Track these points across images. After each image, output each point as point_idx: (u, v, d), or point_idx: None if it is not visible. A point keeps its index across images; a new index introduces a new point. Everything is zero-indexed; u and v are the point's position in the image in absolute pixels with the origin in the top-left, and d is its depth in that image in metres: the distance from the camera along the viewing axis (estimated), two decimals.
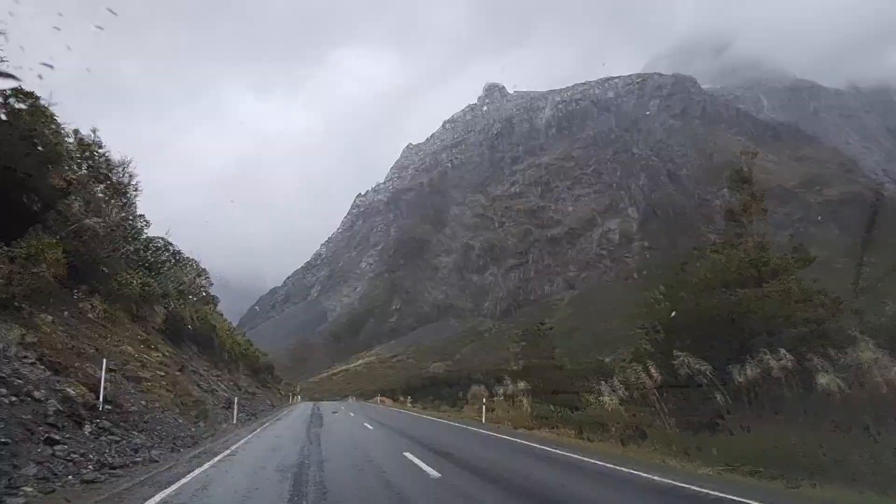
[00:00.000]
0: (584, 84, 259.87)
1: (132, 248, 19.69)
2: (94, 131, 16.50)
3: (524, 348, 32.52)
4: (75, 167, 15.29)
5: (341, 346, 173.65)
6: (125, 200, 18.24)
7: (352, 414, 24.91)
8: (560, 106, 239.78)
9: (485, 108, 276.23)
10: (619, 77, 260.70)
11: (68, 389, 8.52)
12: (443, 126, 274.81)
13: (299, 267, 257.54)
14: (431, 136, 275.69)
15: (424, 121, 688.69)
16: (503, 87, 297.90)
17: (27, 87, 12.21)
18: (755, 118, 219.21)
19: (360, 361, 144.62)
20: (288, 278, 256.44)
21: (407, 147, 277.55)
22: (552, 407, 17.64)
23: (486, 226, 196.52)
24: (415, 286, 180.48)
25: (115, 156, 17.61)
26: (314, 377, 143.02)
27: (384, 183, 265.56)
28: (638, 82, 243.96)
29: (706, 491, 6.48)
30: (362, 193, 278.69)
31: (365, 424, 18.17)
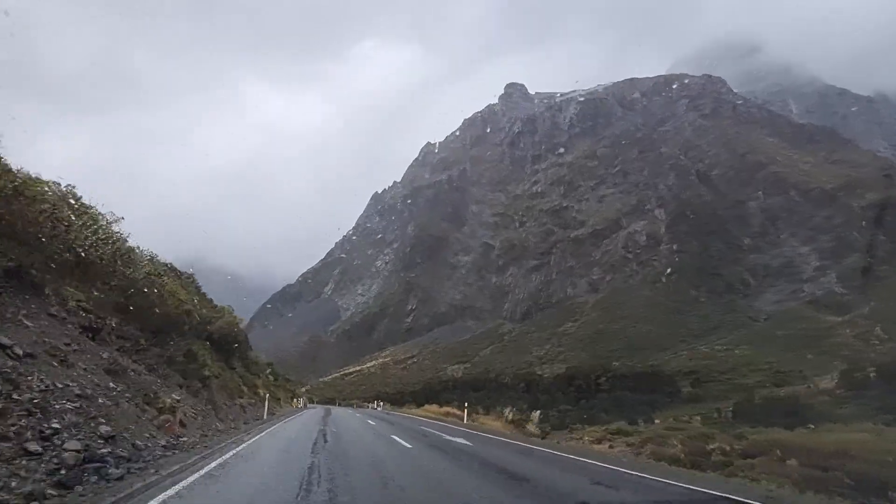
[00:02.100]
0: (607, 84, 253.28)
1: None
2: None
3: None
4: None
5: (354, 346, 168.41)
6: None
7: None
8: (584, 104, 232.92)
9: (505, 106, 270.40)
10: (644, 77, 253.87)
11: None
12: (462, 124, 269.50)
13: (313, 265, 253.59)
14: (451, 133, 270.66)
15: (443, 119, 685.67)
16: (524, 87, 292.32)
17: None
18: (789, 119, 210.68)
19: (373, 362, 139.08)
20: (301, 276, 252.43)
21: (426, 145, 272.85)
22: None
23: (506, 225, 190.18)
24: (432, 285, 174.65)
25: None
26: (326, 377, 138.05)
27: (401, 180, 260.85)
28: (664, 82, 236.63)
29: None
30: (379, 192, 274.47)
31: None
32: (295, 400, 46.53)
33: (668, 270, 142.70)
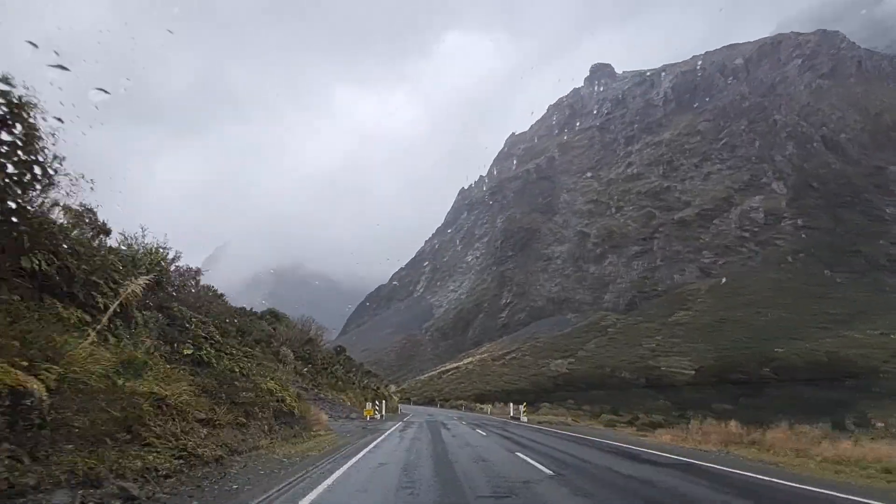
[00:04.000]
0: (703, 54, 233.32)
1: None
2: None
3: None
4: None
5: (449, 344, 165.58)
6: None
7: None
8: (679, 77, 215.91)
9: (592, 89, 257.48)
10: (745, 43, 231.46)
11: None
12: (547, 111, 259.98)
13: (404, 264, 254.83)
14: (536, 122, 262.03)
15: (528, 110, 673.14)
16: (611, 67, 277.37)
17: None
18: None
19: (470, 359, 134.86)
20: (393, 275, 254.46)
21: (510, 136, 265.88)
22: None
23: (601, 212, 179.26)
24: (526, 279, 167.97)
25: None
26: (422, 375, 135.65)
27: (488, 174, 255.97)
28: (771, 45, 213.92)
29: None
30: (465, 187, 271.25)
31: None
32: (371, 406, 28.44)
33: (795, 249, 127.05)
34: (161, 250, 13.13)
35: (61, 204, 8.35)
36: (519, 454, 12.28)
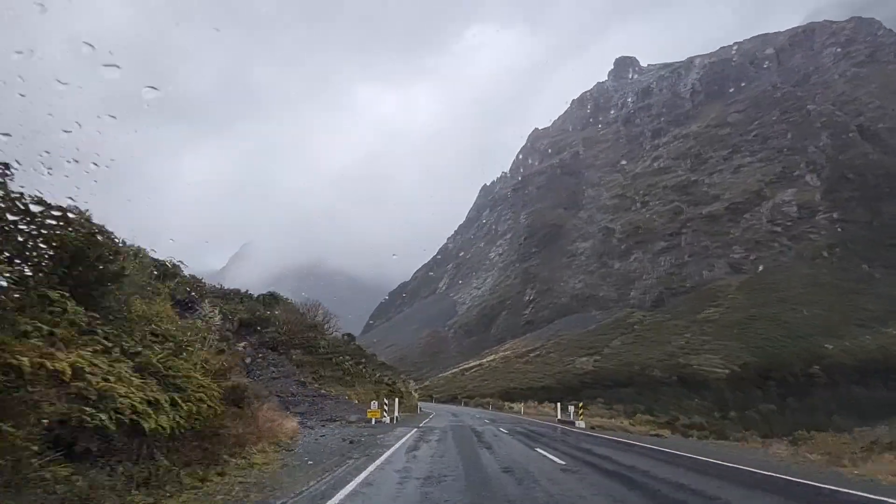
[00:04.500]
0: (733, 45, 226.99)
1: None
2: None
3: None
4: None
5: (473, 341, 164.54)
6: None
7: None
8: (707, 69, 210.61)
9: (616, 82, 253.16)
10: (776, 32, 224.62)
11: None
12: (571, 105, 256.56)
13: (427, 261, 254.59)
14: (559, 117, 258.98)
15: (550, 105, 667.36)
16: (635, 59, 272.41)
17: None
18: None
19: (493, 356, 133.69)
20: (416, 273, 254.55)
21: (533, 131, 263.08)
22: None
23: (626, 206, 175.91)
24: (550, 275, 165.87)
25: None
26: (446, 372, 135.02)
27: (510, 169, 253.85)
28: (804, 34, 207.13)
29: None
30: (487, 184, 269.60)
31: None
32: (379, 405, 21.93)
33: (830, 244, 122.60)
34: None
35: None
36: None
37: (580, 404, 28.37)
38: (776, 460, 13.02)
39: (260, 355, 18.59)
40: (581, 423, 25.98)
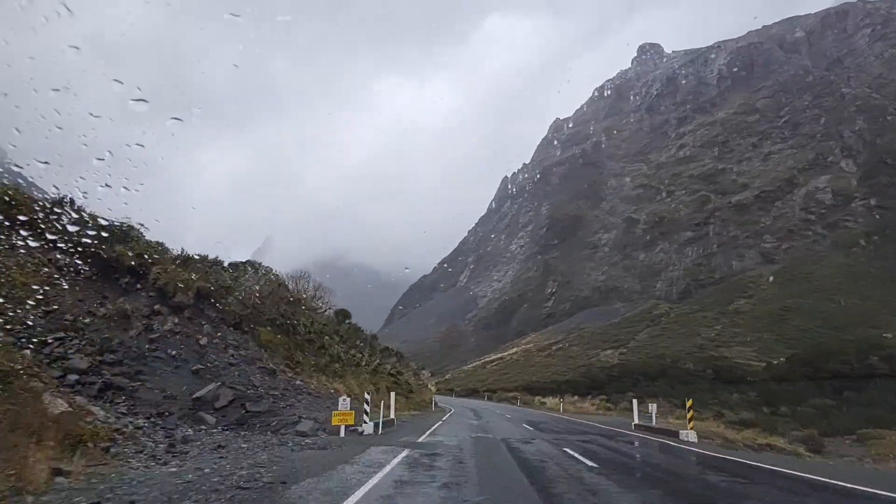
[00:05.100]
0: (760, 29, 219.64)
1: None
2: None
3: None
4: None
5: (492, 334, 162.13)
6: None
7: None
8: (734, 54, 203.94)
9: (639, 70, 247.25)
10: (806, 15, 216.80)
11: None
12: (592, 94, 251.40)
13: (447, 254, 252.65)
14: (580, 106, 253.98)
15: (572, 94, 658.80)
16: (659, 46, 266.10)
17: None
18: None
19: (514, 349, 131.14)
20: (436, 266, 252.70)
21: (554, 121, 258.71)
22: None
23: (650, 197, 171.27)
24: (571, 268, 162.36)
25: None
26: (466, 366, 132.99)
27: (531, 160, 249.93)
28: (836, 15, 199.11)
29: None
30: (508, 175, 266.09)
31: None
32: (362, 404, 15.92)
33: (868, 232, 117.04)
34: None
35: None
36: None
37: (689, 402, 18.32)
38: None
39: (219, 334, 15.81)
40: (692, 436, 17.75)
